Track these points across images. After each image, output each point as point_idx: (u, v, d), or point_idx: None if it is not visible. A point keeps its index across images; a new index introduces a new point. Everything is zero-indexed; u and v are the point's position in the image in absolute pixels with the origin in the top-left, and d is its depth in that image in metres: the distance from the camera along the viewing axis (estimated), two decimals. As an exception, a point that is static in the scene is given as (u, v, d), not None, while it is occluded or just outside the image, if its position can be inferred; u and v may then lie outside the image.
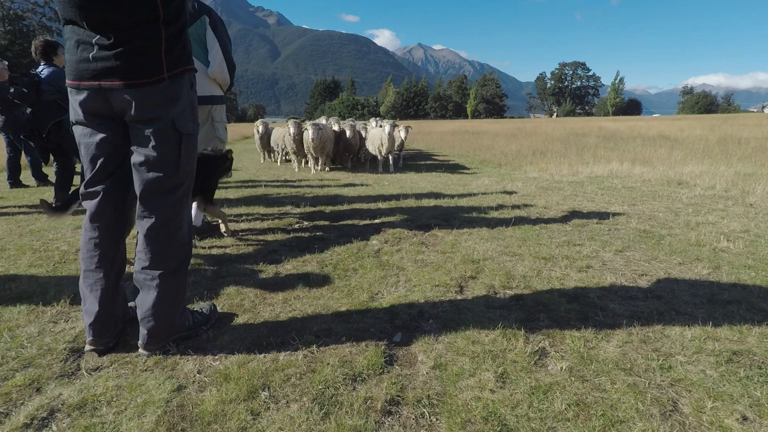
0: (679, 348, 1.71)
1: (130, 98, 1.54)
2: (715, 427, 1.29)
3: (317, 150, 7.16)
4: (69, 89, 1.60)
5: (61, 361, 1.65)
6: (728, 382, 1.49)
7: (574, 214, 3.99)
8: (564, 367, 1.58)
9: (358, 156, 8.80)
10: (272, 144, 9.17)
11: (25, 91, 4.33)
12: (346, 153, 8.36)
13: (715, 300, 2.15)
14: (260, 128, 9.03)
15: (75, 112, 1.62)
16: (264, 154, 9.97)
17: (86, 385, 1.50)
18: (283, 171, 7.93)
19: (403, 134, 7.56)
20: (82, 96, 1.56)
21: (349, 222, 3.85)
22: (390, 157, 7.71)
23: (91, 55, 1.49)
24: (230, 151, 3.30)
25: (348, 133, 7.79)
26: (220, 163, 3.18)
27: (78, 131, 1.65)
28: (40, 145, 4.69)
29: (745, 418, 1.32)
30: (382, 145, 7.36)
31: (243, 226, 3.72)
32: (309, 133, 6.82)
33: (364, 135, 8.31)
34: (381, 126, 7.66)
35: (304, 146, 7.34)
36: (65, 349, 1.72)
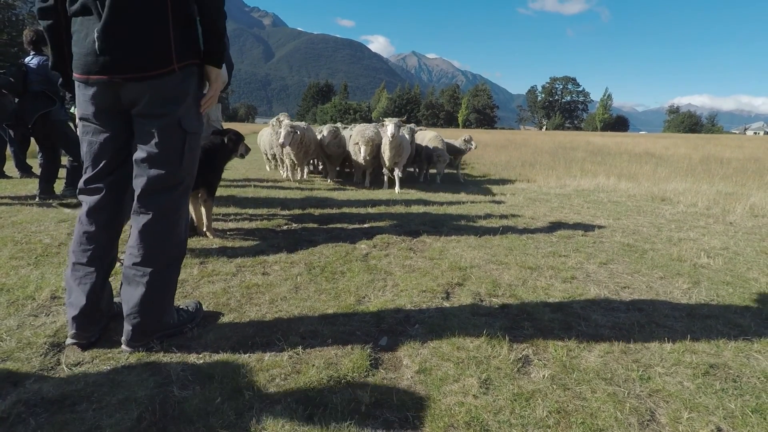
0: (659, 359, 1.75)
1: (140, 91, 1.54)
2: (690, 437, 1.32)
3: (298, 156, 6.23)
4: (77, 83, 1.59)
5: (40, 356, 1.62)
6: (704, 394, 1.53)
7: (560, 226, 4.05)
8: (546, 375, 1.61)
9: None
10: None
11: (12, 80, 4.26)
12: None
13: (694, 314, 2.20)
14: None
15: (84, 108, 1.59)
16: (280, 163, 7.32)
17: (66, 380, 1.48)
18: (273, 172, 7.89)
19: (437, 142, 6.21)
20: (92, 91, 1.55)
21: (338, 225, 3.85)
22: (397, 171, 5.99)
23: (98, 47, 1.49)
24: (230, 131, 3.23)
25: (364, 150, 5.94)
26: (220, 151, 3.16)
27: (83, 128, 1.63)
28: (23, 135, 4.61)
29: (719, 430, 1.36)
30: (384, 153, 5.86)
31: (231, 225, 3.69)
32: (281, 137, 5.67)
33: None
34: (383, 126, 5.87)
35: (283, 151, 6.35)
36: (45, 343, 1.69)
